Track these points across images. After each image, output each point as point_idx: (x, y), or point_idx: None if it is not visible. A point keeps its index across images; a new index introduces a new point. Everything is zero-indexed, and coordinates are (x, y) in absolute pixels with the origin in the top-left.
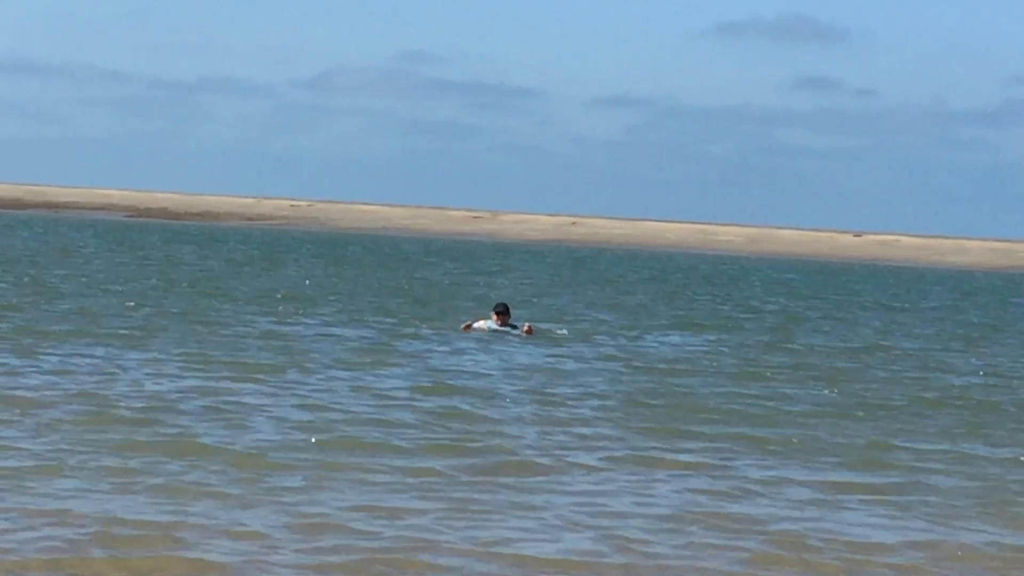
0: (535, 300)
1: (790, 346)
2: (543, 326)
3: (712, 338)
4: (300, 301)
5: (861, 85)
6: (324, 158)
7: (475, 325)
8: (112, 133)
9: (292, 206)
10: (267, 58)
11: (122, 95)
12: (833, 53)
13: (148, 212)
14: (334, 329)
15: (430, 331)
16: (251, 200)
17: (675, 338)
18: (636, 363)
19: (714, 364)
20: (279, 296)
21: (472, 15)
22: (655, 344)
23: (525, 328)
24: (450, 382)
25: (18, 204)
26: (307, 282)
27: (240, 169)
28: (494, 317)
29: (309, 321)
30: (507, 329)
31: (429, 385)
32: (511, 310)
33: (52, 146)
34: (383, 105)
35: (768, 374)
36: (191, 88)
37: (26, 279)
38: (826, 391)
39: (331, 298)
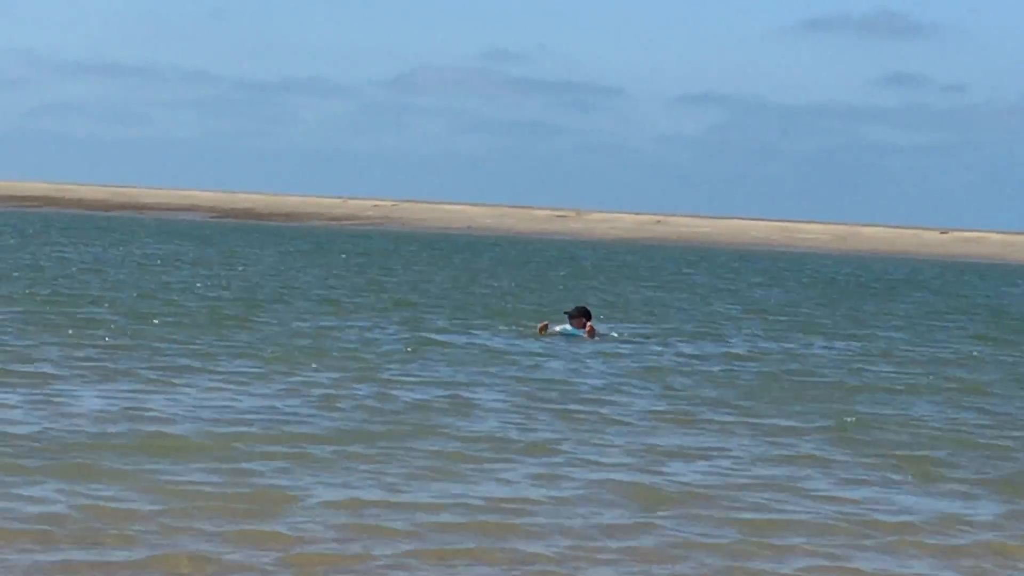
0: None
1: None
2: (601, 328)
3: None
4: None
5: (949, 81)
6: (408, 158)
7: (554, 329)
8: (197, 134)
9: (376, 206)
10: (350, 58)
11: (207, 96)
12: (921, 49)
13: (233, 213)
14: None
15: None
16: (336, 200)
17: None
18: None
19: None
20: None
21: (556, 13)
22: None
23: (587, 330)
24: None
25: (104, 206)
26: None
27: (324, 169)
28: (572, 320)
29: None
30: (580, 333)
31: None
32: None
33: (137, 147)
34: (466, 104)
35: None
36: (275, 88)
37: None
38: None
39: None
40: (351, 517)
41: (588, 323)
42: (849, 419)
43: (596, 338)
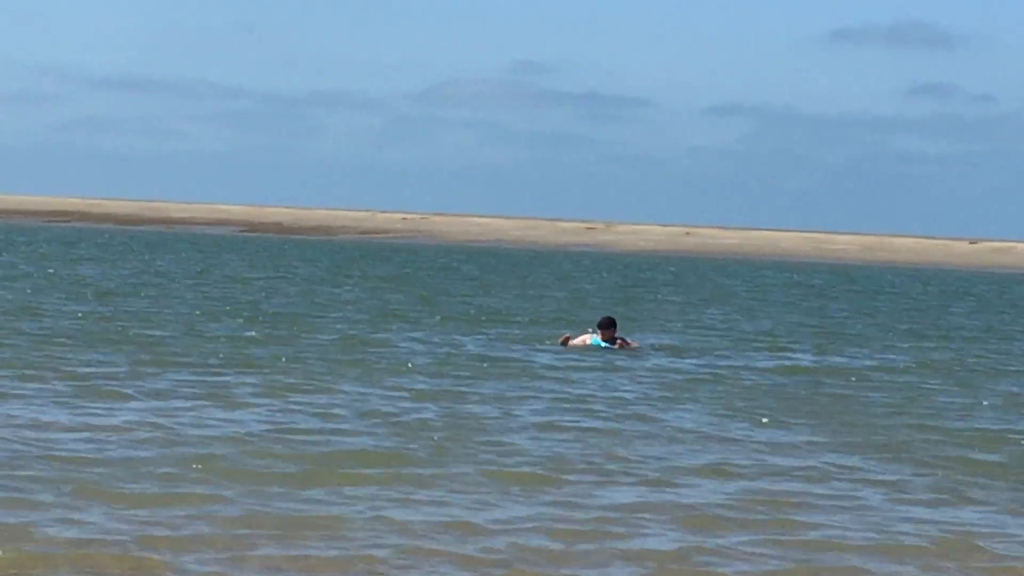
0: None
1: None
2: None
3: None
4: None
5: (978, 91)
6: (437, 170)
7: (575, 340)
8: (226, 148)
9: (404, 219)
10: (379, 71)
11: (236, 110)
12: (950, 59)
13: (262, 227)
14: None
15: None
16: (364, 214)
17: None
18: None
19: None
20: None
21: (584, 25)
22: None
23: (619, 343)
24: None
25: (135, 220)
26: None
27: (352, 183)
28: (599, 332)
29: None
30: (609, 345)
31: None
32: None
33: (167, 162)
34: (495, 116)
35: None
36: (304, 102)
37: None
38: None
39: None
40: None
41: (617, 335)
42: (910, 436)
43: (629, 347)
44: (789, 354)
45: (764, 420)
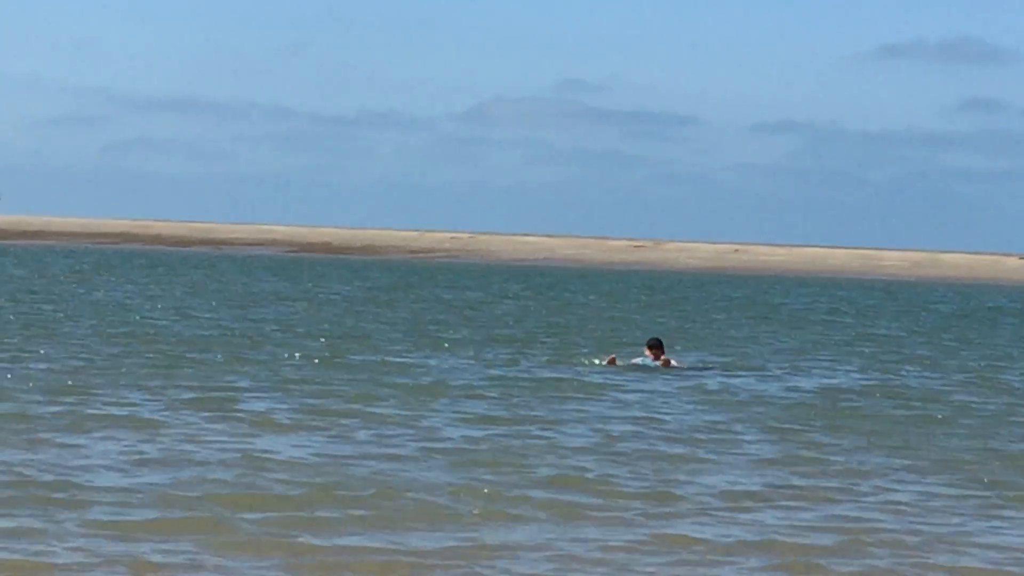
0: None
1: None
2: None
3: None
4: None
5: None
6: (484, 190)
7: (621, 361)
8: (274, 169)
9: (453, 238)
10: (425, 91)
11: (283, 131)
12: (999, 74)
13: (311, 247)
14: None
15: None
16: (413, 233)
17: None
18: None
19: None
20: None
21: (631, 42)
22: None
23: (662, 361)
24: None
25: (183, 241)
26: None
27: (401, 202)
28: (647, 352)
29: None
30: (657, 364)
31: None
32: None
33: (215, 183)
34: (542, 135)
35: None
36: (352, 122)
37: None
38: None
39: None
40: None
41: (662, 355)
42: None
43: (672, 365)
44: (835, 372)
45: (823, 439)
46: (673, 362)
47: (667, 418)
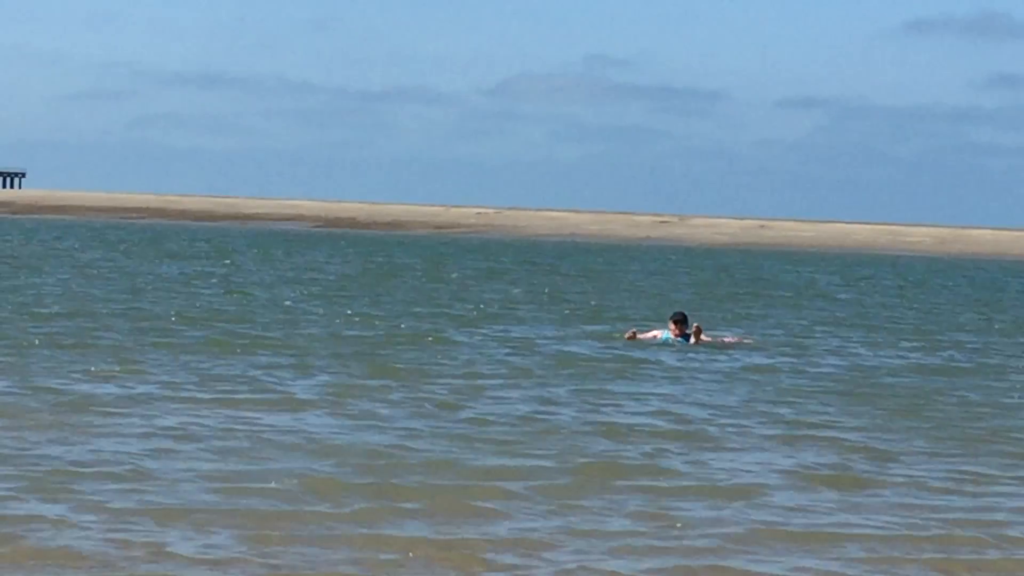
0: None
1: None
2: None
3: None
4: None
5: None
6: (510, 165)
7: (644, 336)
8: (299, 144)
9: (479, 214)
10: (452, 66)
11: (309, 106)
12: None
13: (336, 222)
14: None
15: None
16: (438, 208)
17: None
18: None
19: None
20: None
21: (657, 18)
22: None
23: (694, 328)
24: None
25: (209, 216)
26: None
27: (426, 177)
28: (671, 327)
29: None
30: (682, 340)
31: None
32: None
33: (241, 158)
34: (568, 110)
35: None
36: (377, 98)
37: None
38: None
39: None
40: None
41: (691, 328)
42: None
43: (708, 342)
44: (865, 353)
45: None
46: (705, 337)
47: (706, 399)
